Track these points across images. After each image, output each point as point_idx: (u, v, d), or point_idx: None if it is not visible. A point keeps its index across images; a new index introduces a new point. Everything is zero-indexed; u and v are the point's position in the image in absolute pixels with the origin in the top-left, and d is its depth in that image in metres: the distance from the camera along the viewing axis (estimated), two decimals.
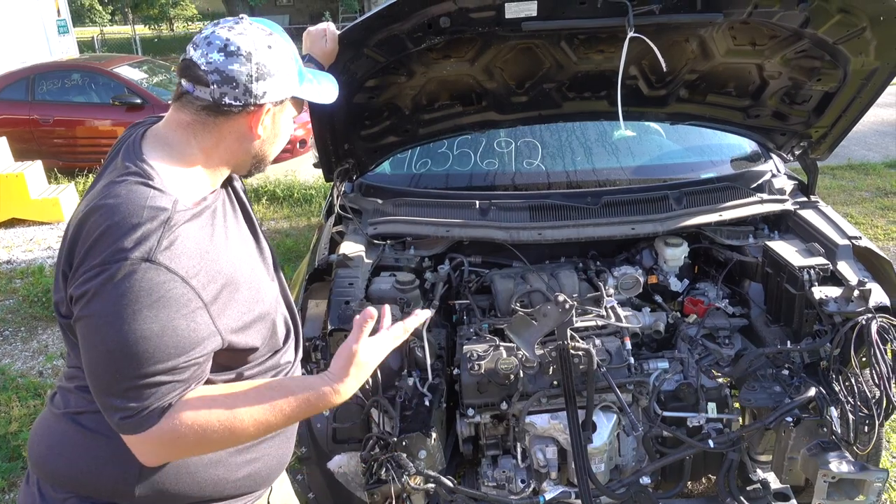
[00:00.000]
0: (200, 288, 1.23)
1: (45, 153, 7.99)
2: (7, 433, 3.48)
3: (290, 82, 1.37)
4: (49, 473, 1.39)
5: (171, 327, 1.19)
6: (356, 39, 2.12)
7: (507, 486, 2.27)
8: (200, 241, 1.27)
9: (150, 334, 1.18)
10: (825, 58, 2.35)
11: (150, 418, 1.21)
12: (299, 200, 7.27)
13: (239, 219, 1.49)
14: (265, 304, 1.41)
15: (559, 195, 2.80)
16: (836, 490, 2.04)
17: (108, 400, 1.21)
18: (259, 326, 1.39)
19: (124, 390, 1.20)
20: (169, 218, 1.22)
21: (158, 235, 1.19)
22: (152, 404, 1.21)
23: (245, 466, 1.46)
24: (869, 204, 6.53)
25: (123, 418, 1.21)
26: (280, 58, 1.34)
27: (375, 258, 2.53)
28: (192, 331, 1.22)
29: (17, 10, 13.33)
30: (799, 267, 2.34)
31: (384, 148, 2.74)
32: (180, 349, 1.21)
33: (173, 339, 1.20)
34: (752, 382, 2.26)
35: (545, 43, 2.35)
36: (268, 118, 1.37)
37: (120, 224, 1.19)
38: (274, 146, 1.45)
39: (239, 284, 1.33)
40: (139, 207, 1.21)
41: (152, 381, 1.20)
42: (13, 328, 4.86)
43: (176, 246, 1.21)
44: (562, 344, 2.14)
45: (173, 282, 1.19)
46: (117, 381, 1.19)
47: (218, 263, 1.28)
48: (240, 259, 1.37)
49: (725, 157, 3.23)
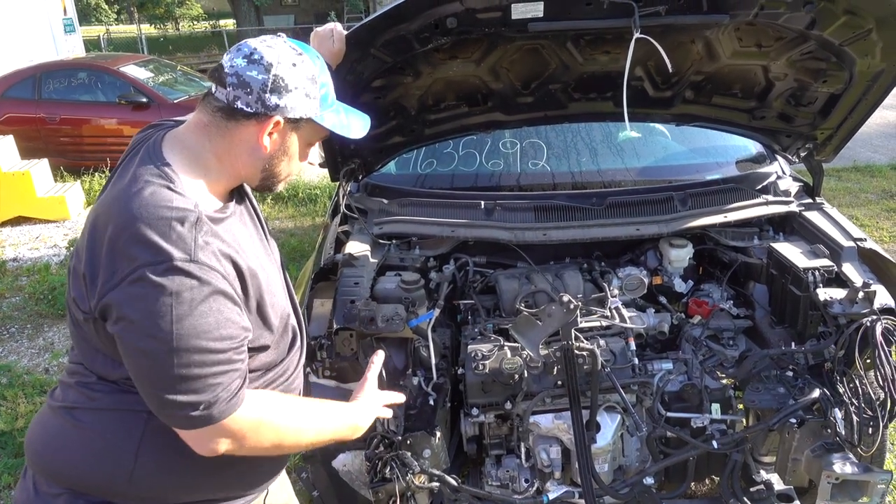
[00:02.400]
0: (233, 281, 1.29)
1: (52, 151, 8.02)
2: (13, 430, 3.50)
3: (306, 104, 1.38)
4: (43, 468, 1.40)
5: (224, 319, 1.25)
6: (363, 40, 2.13)
7: (510, 486, 2.28)
8: (224, 244, 1.30)
9: (209, 328, 1.23)
10: (831, 59, 2.35)
11: (221, 408, 1.27)
12: (304, 200, 7.28)
13: (252, 225, 1.52)
14: (278, 308, 1.45)
15: (564, 196, 2.80)
16: (839, 491, 2.04)
17: (174, 398, 1.23)
18: (274, 327, 1.44)
19: (192, 385, 1.23)
20: (198, 219, 1.26)
21: (193, 236, 1.24)
22: (220, 394, 1.26)
23: (240, 468, 1.47)
24: (874, 206, 6.51)
25: (194, 412, 1.24)
26: (301, 78, 1.36)
27: (381, 258, 2.54)
28: (241, 320, 1.29)
29: (24, 9, 13.36)
30: (804, 268, 2.34)
31: (390, 148, 2.75)
32: (234, 338, 1.27)
33: (227, 329, 1.26)
34: (757, 384, 2.26)
35: (551, 44, 2.35)
36: (278, 133, 1.38)
37: (153, 227, 1.22)
38: (284, 165, 1.45)
39: (259, 287, 1.37)
40: (167, 210, 1.24)
41: (217, 370, 1.25)
42: (19, 325, 4.88)
43: (210, 244, 1.26)
44: (566, 344, 2.15)
45: (215, 277, 1.25)
46: (183, 378, 1.22)
47: (239, 267, 1.32)
48: (257, 266, 1.40)
49: (730, 158, 3.23)
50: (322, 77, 1.40)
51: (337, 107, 1.47)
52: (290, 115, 1.36)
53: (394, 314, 2.20)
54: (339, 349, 2.17)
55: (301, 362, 1.63)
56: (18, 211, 7.06)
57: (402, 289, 2.38)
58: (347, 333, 2.16)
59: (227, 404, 1.27)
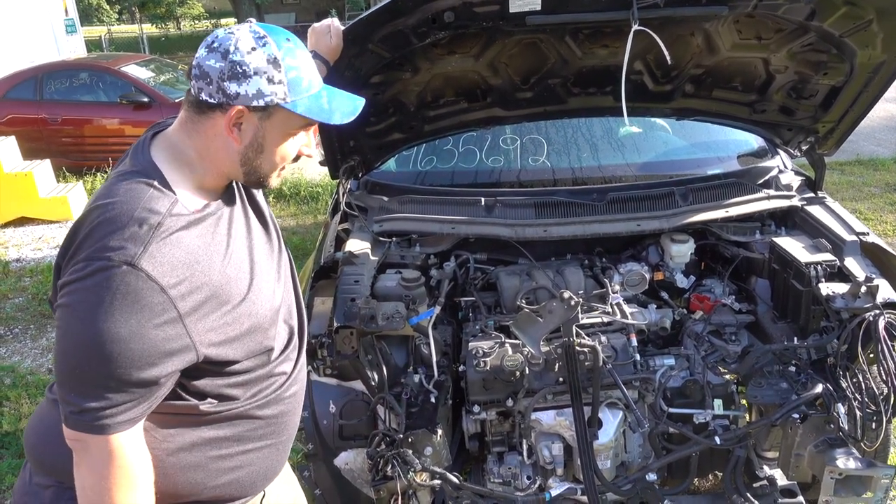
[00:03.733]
0: (179, 298, 1.21)
1: (54, 152, 8.03)
2: (17, 430, 3.51)
3: (271, 90, 1.28)
4: (36, 460, 1.41)
5: (139, 334, 1.18)
6: (361, 35, 2.12)
7: (512, 483, 2.28)
8: (192, 249, 1.26)
9: (118, 338, 1.16)
10: (831, 51, 2.33)
11: (96, 425, 1.20)
12: (306, 198, 7.28)
13: (251, 226, 1.48)
14: (258, 318, 1.38)
15: (565, 192, 2.79)
16: (843, 486, 2.03)
17: (63, 391, 1.22)
18: (246, 341, 1.37)
19: (81, 386, 1.20)
20: (159, 223, 1.21)
21: (146, 240, 1.19)
22: (104, 411, 1.20)
23: (227, 473, 1.45)
24: (878, 200, 6.48)
25: (72, 412, 1.21)
26: (261, 62, 1.27)
27: (381, 255, 2.53)
28: (161, 341, 1.20)
29: (26, 9, 13.39)
30: (806, 263, 2.33)
31: (389, 145, 2.74)
32: (147, 359, 1.20)
33: (140, 346, 1.18)
34: (759, 379, 2.25)
35: (550, 38, 2.34)
36: (247, 124, 1.31)
37: (112, 221, 1.20)
38: (264, 158, 1.36)
39: (229, 297, 1.31)
40: (134, 208, 1.22)
41: (110, 384, 1.19)
42: (23, 326, 4.89)
43: (163, 252, 1.20)
44: (567, 341, 2.14)
45: (151, 290, 1.18)
46: (76, 376, 1.20)
47: (207, 274, 1.27)
48: (238, 271, 1.35)
49: (732, 153, 3.21)
50: (290, 60, 1.29)
51: (318, 92, 1.36)
52: (253, 103, 1.27)
53: (394, 312, 2.20)
54: (340, 347, 2.16)
55: (299, 367, 1.58)
56: (21, 211, 7.08)
57: (402, 286, 2.38)
58: (348, 331, 2.16)
59: (105, 428, 1.20)
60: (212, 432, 1.40)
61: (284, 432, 1.57)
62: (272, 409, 1.49)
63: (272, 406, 1.49)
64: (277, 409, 1.51)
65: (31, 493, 1.39)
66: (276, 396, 1.49)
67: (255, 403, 1.45)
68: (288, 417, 1.56)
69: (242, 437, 1.46)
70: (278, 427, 1.53)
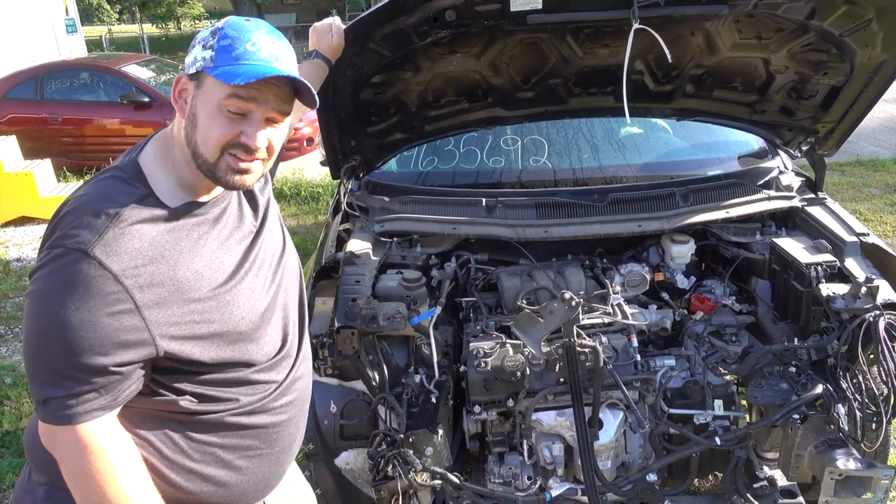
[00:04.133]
0: (136, 288, 1.20)
1: (54, 152, 8.03)
2: (17, 429, 3.51)
3: (202, 55, 1.28)
4: (31, 455, 1.40)
5: (90, 321, 1.17)
6: (362, 34, 2.13)
7: (513, 483, 2.28)
8: (158, 242, 1.24)
9: (69, 325, 1.16)
10: (831, 51, 2.34)
11: (59, 416, 1.19)
12: (306, 198, 7.28)
13: (246, 230, 1.45)
14: (234, 320, 1.34)
15: (566, 192, 2.79)
16: (843, 487, 2.03)
17: (29, 381, 1.22)
18: (216, 342, 1.33)
19: (41, 375, 1.20)
20: (118, 213, 1.21)
21: (102, 229, 1.19)
22: (65, 400, 1.19)
23: (209, 482, 1.41)
24: (878, 200, 6.49)
25: (38, 403, 1.21)
26: (205, 33, 1.31)
27: (382, 256, 2.53)
28: (115, 330, 1.19)
29: (26, 9, 13.39)
30: (806, 264, 2.33)
31: (391, 145, 2.74)
32: (98, 347, 1.18)
33: (92, 334, 1.17)
34: (759, 380, 2.25)
35: (551, 37, 2.35)
36: (187, 94, 1.31)
37: (73, 212, 1.22)
38: (198, 135, 1.29)
39: (197, 295, 1.28)
40: (98, 200, 1.23)
41: (66, 372, 1.18)
42: (23, 325, 4.89)
43: (120, 242, 1.19)
44: (568, 341, 2.14)
45: (103, 277, 1.17)
46: (36, 364, 1.21)
47: (173, 269, 1.25)
48: (214, 270, 1.32)
49: (732, 153, 3.21)
50: (230, 30, 1.28)
51: (250, 64, 1.26)
52: (190, 70, 1.29)
53: (395, 312, 2.20)
54: (341, 347, 2.16)
55: (295, 377, 1.53)
56: (21, 211, 7.08)
57: (403, 287, 2.38)
58: (349, 332, 2.15)
59: (67, 410, 1.19)
60: (195, 435, 1.37)
61: (277, 443, 1.51)
62: (260, 417, 1.44)
63: (259, 415, 1.44)
64: (267, 419, 1.46)
65: (28, 491, 1.39)
66: (263, 405, 1.44)
67: (239, 409, 1.40)
68: (281, 428, 1.50)
69: (227, 445, 1.41)
70: (269, 437, 1.48)
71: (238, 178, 1.33)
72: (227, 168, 1.32)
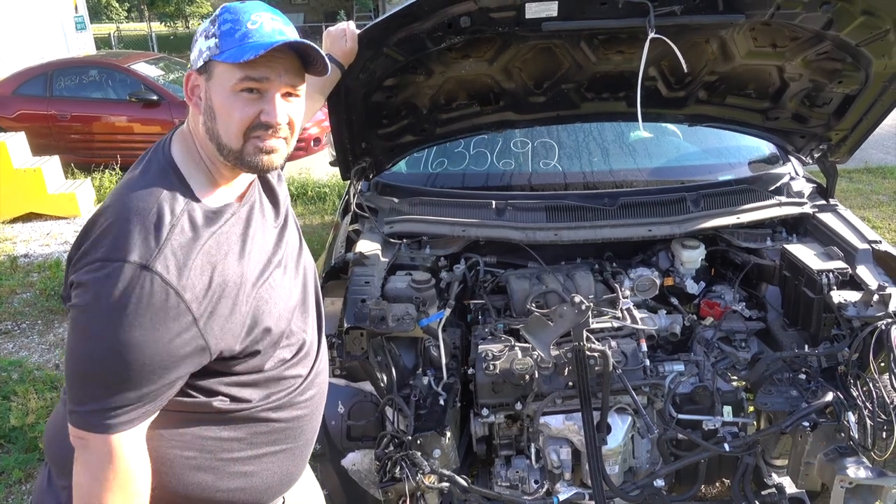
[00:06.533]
0: (194, 301, 1.20)
1: (63, 148, 8.07)
2: (24, 425, 3.51)
3: (207, 45, 1.28)
4: (53, 459, 1.40)
5: (152, 338, 1.17)
6: (376, 39, 2.13)
7: (520, 487, 2.27)
8: (208, 249, 1.24)
9: (131, 342, 1.15)
10: (847, 60, 2.32)
11: (99, 424, 1.19)
12: (313, 198, 7.28)
13: (269, 226, 1.46)
14: (272, 317, 1.36)
15: (576, 196, 2.78)
16: (853, 496, 2.03)
17: (71, 390, 1.21)
18: (257, 341, 1.34)
19: (89, 386, 1.19)
20: (174, 225, 1.20)
21: (161, 242, 1.18)
22: (109, 411, 1.19)
23: (238, 478, 1.42)
24: (886, 208, 6.46)
25: (78, 411, 1.20)
26: (206, 23, 1.30)
27: (391, 257, 2.53)
28: (176, 346, 1.19)
29: (36, 6, 13.46)
30: (817, 270, 2.32)
31: (401, 147, 2.74)
32: (158, 364, 1.18)
33: (153, 350, 1.17)
34: (769, 386, 2.24)
35: (564, 43, 2.34)
36: (200, 90, 1.31)
37: (128, 221, 1.19)
38: (219, 125, 1.29)
39: (244, 299, 1.29)
40: (150, 207, 1.21)
41: (119, 387, 1.18)
42: (30, 321, 4.91)
43: (177, 254, 1.19)
44: (577, 345, 2.14)
45: (165, 293, 1.17)
46: (85, 376, 1.19)
47: (223, 276, 1.25)
48: (254, 271, 1.33)
49: (743, 159, 3.20)
50: (227, 14, 1.28)
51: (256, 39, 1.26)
52: (198, 64, 1.29)
53: (404, 314, 2.20)
54: (350, 348, 2.17)
55: (317, 371, 1.55)
56: (29, 207, 7.10)
57: (412, 288, 2.38)
58: (358, 332, 2.16)
59: (108, 420, 1.19)
60: (223, 433, 1.38)
61: (301, 437, 1.53)
62: (286, 412, 1.46)
63: (286, 409, 1.46)
64: (292, 413, 1.48)
65: (52, 493, 1.39)
66: (289, 399, 1.46)
67: (267, 405, 1.42)
68: (304, 422, 1.53)
69: (255, 441, 1.43)
70: (294, 432, 1.50)
71: (266, 159, 1.32)
72: (253, 150, 1.31)
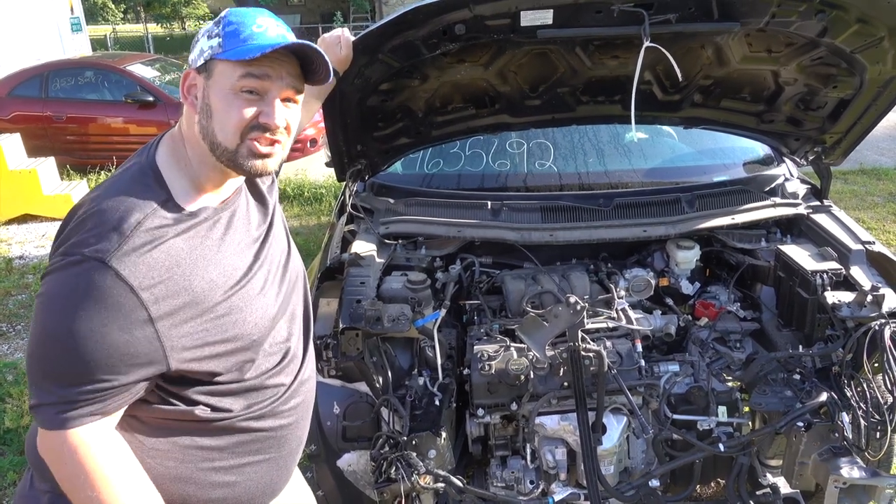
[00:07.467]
0: (152, 301, 1.17)
1: (58, 150, 8.03)
2: (19, 427, 3.51)
3: (209, 45, 1.28)
4: (33, 462, 1.38)
5: (101, 333, 1.14)
6: (371, 45, 2.12)
7: (515, 487, 2.27)
8: (174, 251, 1.22)
9: (77, 334, 1.14)
10: (841, 65, 2.33)
11: (50, 420, 1.18)
12: (309, 199, 7.28)
13: (254, 233, 1.44)
14: (245, 326, 1.33)
15: (571, 197, 2.79)
16: (847, 496, 2.03)
17: (29, 383, 1.21)
18: (230, 350, 1.32)
19: (41, 379, 1.19)
20: (139, 222, 1.19)
21: (121, 238, 1.17)
22: (59, 405, 1.17)
23: (220, 488, 1.40)
24: (881, 209, 6.49)
25: (32, 405, 1.20)
26: (210, 24, 1.32)
27: (387, 257, 2.53)
28: (126, 344, 1.17)
29: (32, 8, 13.42)
30: (812, 271, 2.33)
31: (396, 149, 2.74)
32: (104, 360, 1.16)
33: (99, 346, 1.15)
34: (764, 386, 2.25)
35: (560, 49, 2.34)
36: (197, 88, 1.30)
37: (93, 217, 1.19)
38: (215, 124, 1.28)
39: (212, 306, 1.27)
40: (118, 206, 1.20)
41: (65, 380, 1.17)
42: (25, 323, 4.90)
43: (138, 252, 1.17)
44: (573, 345, 2.14)
45: (119, 288, 1.15)
46: (38, 368, 1.19)
47: (188, 279, 1.23)
48: (226, 277, 1.30)
49: (738, 160, 3.22)
50: (233, 17, 1.29)
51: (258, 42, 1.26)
52: (197, 63, 1.29)
53: (400, 314, 2.20)
54: (345, 349, 2.17)
55: (302, 379, 1.52)
56: (25, 209, 7.08)
57: (408, 289, 2.38)
58: (353, 333, 2.16)
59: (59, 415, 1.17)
60: (204, 442, 1.36)
61: (285, 446, 1.50)
62: (269, 421, 1.44)
63: (269, 419, 1.43)
64: (276, 423, 1.45)
65: (31, 498, 1.37)
66: (272, 409, 1.43)
67: (249, 415, 1.39)
68: (289, 431, 1.50)
69: (237, 450, 1.40)
70: (277, 441, 1.47)
71: (259, 164, 1.31)
72: (248, 153, 1.30)
